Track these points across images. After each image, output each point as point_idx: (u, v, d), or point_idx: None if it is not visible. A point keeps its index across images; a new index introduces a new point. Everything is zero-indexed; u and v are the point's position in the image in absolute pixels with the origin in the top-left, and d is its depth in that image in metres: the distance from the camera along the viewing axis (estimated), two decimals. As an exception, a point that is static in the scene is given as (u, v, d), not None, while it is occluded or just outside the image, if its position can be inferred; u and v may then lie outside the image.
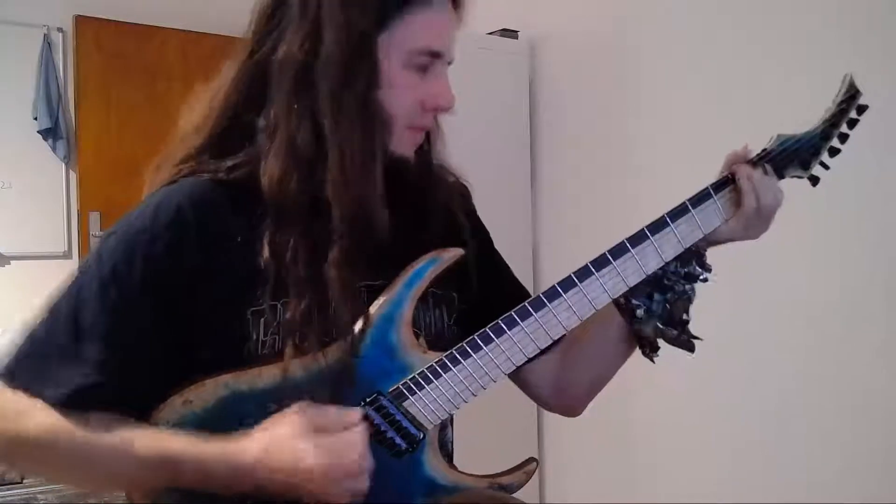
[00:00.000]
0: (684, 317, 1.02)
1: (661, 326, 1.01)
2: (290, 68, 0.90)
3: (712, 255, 1.02)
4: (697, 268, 1.00)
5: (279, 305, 0.89)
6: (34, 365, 0.86)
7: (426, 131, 1.00)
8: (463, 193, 1.11)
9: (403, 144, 0.96)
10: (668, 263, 0.98)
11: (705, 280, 1.01)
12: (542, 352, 0.97)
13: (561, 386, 1.11)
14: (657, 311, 1.01)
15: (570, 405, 1.14)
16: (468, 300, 1.05)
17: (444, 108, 0.96)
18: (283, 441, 0.83)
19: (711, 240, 0.99)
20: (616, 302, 1.02)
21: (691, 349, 1.02)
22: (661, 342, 1.03)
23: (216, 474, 0.84)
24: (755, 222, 0.97)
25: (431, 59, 0.93)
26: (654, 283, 1.00)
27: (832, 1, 2.04)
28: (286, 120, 0.90)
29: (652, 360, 1.04)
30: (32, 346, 0.88)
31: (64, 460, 0.87)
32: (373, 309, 0.93)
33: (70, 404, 0.85)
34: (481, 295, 1.05)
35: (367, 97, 0.90)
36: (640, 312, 1.01)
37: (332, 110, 0.89)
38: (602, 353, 1.08)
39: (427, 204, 1.01)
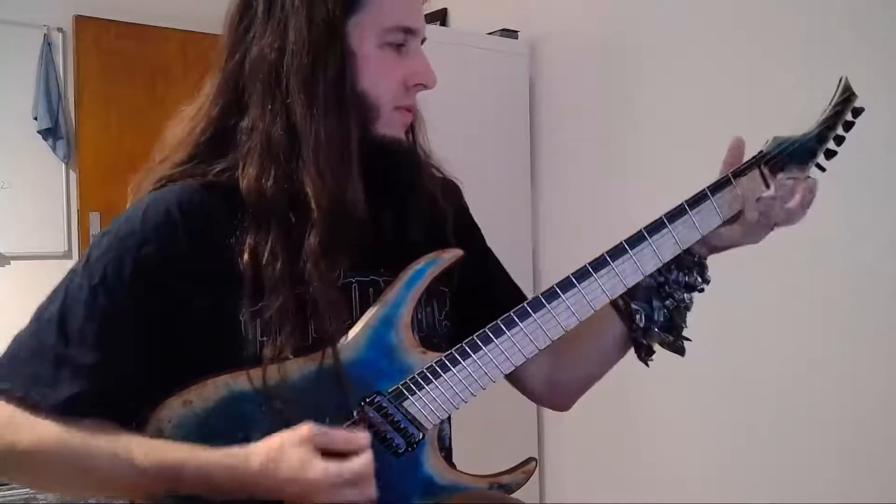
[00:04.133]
0: (681, 324, 1.03)
1: (658, 332, 1.03)
2: (261, 68, 0.91)
3: (714, 256, 1.03)
4: (698, 278, 1.02)
5: (261, 306, 0.89)
6: (24, 371, 0.85)
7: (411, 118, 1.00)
8: (452, 189, 1.12)
9: (393, 126, 0.96)
10: (670, 272, 1.00)
11: (702, 290, 1.03)
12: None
13: (553, 383, 1.12)
14: (657, 319, 1.02)
15: (561, 401, 1.16)
16: (458, 296, 1.05)
17: (426, 84, 0.97)
18: (289, 457, 0.82)
19: (713, 246, 1.00)
20: (615, 306, 1.04)
21: (682, 353, 1.04)
22: (656, 347, 1.04)
23: (218, 482, 0.83)
24: (756, 229, 0.97)
25: (406, 37, 0.94)
26: (655, 291, 1.02)
27: (833, 1, 2.04)
28: (262, 120, 0.91)
29: (647, 364, 1.05)
30: (20, 350, 0.86)
31: (59, 471, 0.85)
32: (371, 311, 0.93)
33: (61, 411, 0.83)
34: (473, 292, 1.05)
35: (340, 85, 0.90)
36: (639, 318, 1.02)
37: (304, 103, 0.89)
38: (597, 354, 1.09)
39: (413, 196, 1.01)
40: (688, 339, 1.04)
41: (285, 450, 0.82)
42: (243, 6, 0.94)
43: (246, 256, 0.88)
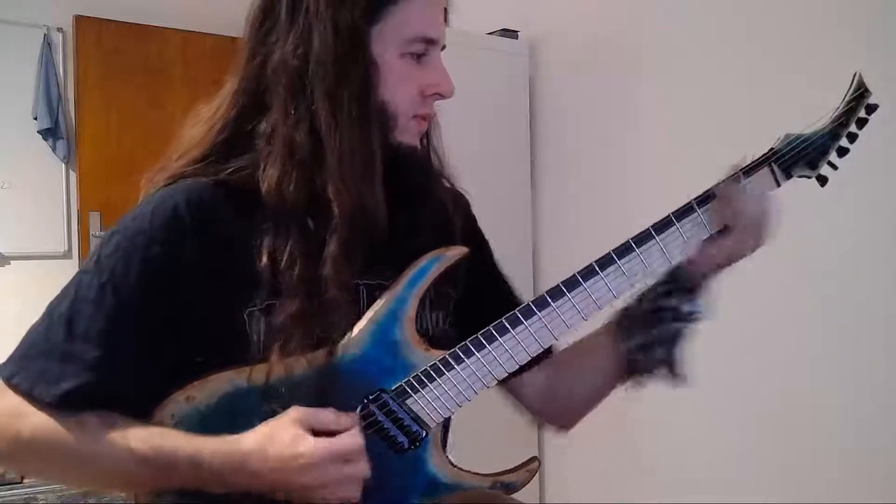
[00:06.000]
0: (675, 356, 1.01)
1: (650, 361, 1.01)
2: (284, 73, 0.91)
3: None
4: (695, 307, 0.99)
5: (275, 305, 0.89)
6: (31, 365, 0.86)
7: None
8: (462, 201, 1.12)
9: (409, 134, 0.96)
10: (667, 298, 0.98)
11: (699, 322, 0.99)
12: (538, 359, 0.98)
13: (550, 397, 1.12)
14: (649, 347, 1.00)
15: (558, 418, 1.16)
16: (464, 305, 1.05)
17: (444, 94, 0.97)
18: (280, 436, 0.84)
19: (710, 266, 0.97)
20: (615, 329, 1.02)
21: (683, 383, 1.01)
22: (650, 375, 1.02)
23: (211, 467, 0.84)
24: (747, 237, 0.95)
25: (427, 46, 0.94)
26: (650, 317, 1.00)
27: (833, 1, 2.04)
28: (284, 124, 0.90)
29: (636, 389, 1.04)
30: (30, 347, 0.88)
31: (60, 461, 0.87)
32: (375, 307, 0.93)
33: (64, 405, 0.85)
34: (477, 304, 1.04)
35: (364, 94, 0.90)
36: (632, 344, 1.01)
37: (329, 111, 0.89)
38: (592, 374, 1.08)
39: (425, 201, 1.01)
40: (684, 373, 1.01)
41: (276, 430, 0.84)
42: (265, 9, 0.93)
43: (264, 259, 0.89)
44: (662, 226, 0.94)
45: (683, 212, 0.95)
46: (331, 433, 0.85)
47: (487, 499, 0.99)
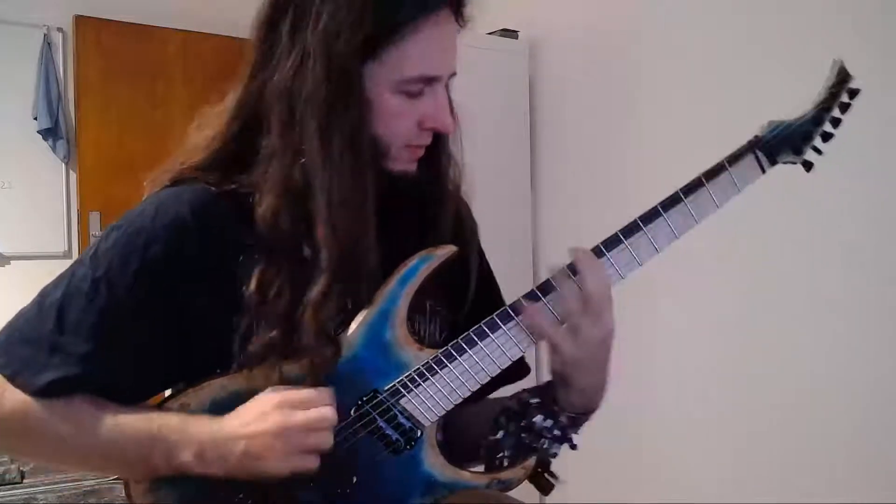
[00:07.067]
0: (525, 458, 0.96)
1: (499, 457, 0.97)
2: (280, 100, 0.89)
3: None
4: (557, 430, 0.96)
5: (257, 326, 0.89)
6: (16, 351, 0.87)
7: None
8: (467, 209, 1.10)
9: (401, 162, 0.94)
10: (533, 413, 0.95)
11: (554, 442, 0.96)
12: (513, 376, 0.98)
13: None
14: (504, 444, 0.97)
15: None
16: (458, 316, 1.04)
17: (441, 129, 0.94)
18: (254, 404, 0.86)
19: (569, 373, 0.94)
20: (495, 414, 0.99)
21: (544, 490, 0.98)
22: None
23: (194, 428, 0.85)
24: (583, 337, 0.91)
25: (425, 86, 0.91)
26: (513, 415, 0.97)
27: (833, 1, 2.04)
28: (281, 154, 0.89)
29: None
30: (17, 332, 0.88)
31: (39, 439, 0.88)
32: (367, 308, 0.92)
33: (47, 393, 0.85)
34: (472, 317, 1.01)
35: (355, 136, 0.88)
36: (498, 434, 0.97)
37: (319, 153, 0.87)
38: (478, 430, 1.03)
39: (434, 213, 1.00)
40: (556, 479, 0.97)
41: (254, 400, 0.86)
42: (271, 21, 0.91)
43: (253, 285, 0.88)
44: (650, 217, 0.94)
45: (671, 202, 0.95)
46: None
47: (488, 499, 0.99)
